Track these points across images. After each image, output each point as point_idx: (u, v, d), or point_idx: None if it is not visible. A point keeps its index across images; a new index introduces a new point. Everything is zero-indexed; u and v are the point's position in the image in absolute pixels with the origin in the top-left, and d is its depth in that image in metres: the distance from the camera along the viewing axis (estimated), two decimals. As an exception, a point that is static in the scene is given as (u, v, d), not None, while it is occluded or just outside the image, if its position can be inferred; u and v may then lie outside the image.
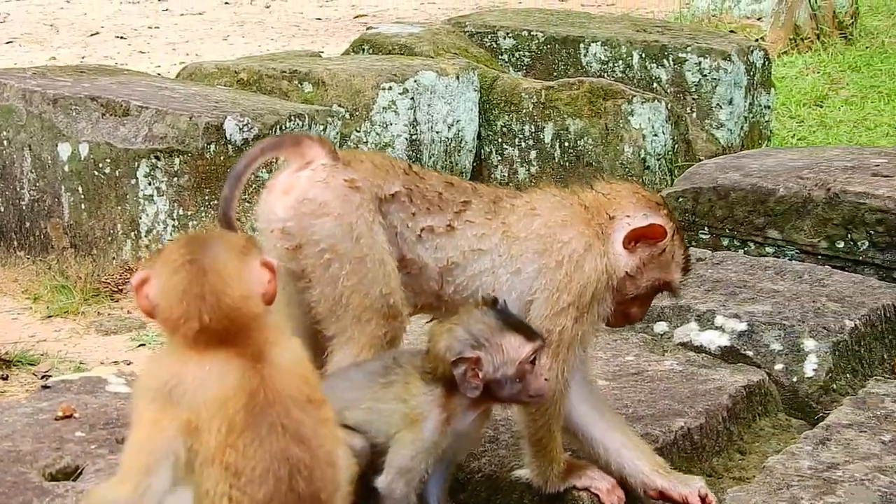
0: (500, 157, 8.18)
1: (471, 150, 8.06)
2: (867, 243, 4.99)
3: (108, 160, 6.73)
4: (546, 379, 3.12)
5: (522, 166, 8.14)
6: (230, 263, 2.66)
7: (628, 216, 3.30)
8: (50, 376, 5.67)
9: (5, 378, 5.88)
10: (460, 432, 3.09)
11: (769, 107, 9.04)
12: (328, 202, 3.13)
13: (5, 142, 7.04)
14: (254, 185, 4.36)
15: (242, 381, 2.68)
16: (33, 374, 5.94)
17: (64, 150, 6.86)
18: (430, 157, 7.81)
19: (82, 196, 6.82)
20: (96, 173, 6.78)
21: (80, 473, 3.47)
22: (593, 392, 3.35)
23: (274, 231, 3.18)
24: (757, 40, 10.10)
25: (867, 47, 12.43)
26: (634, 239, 3.27)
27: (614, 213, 3.30)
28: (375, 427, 3.01)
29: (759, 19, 11.97)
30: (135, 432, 2.71)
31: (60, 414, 3.77)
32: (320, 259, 3.14)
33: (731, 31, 11.13)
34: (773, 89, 9.13)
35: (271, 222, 3.19)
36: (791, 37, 12.30)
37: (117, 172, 6.72)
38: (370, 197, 3.17)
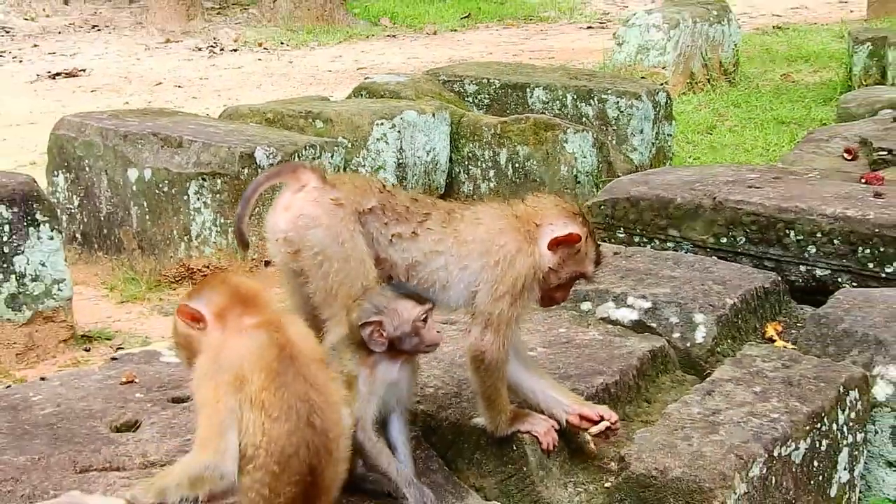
0: (466, 176, 8.14)
1: (444, 171, 8.03)
2: (744, 239, 4.96)
3: (166, 181, 6.70)
4: (437, 331, 3.14)
5: (484, 182, 8.10)
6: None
7: (551, 224, 3.28)
8: (122, 349, 5.64)
9: (88, 350, 5.84)
10: (392, 381, 3.09)
11: (671, 135, 9.01)
12: (319, 216, 3.14)
13: (87, 168, 7.00)
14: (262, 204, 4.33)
15: (272, 339, 2.69)
16: (109, 346, 5.91)
17: (132, 173, 6.84)
18: (413, 176, 7.77)
19: (147, 209, 6.80)
20: (157, 191, 6.75)
21: (139, 426, 3.43)
22: (521, 354, 3.35)
23: (278, 240, 3.19)
24: (662, 84, 10.07)
25: (746, 88, 12.41)
26: (556, 243, 3.25)
27: (540, 222, 3.28)
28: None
29: (663, 68, 11.93)
30: (202, 412, 2.69)
31: (124, 379, 3.73)
32: (314, 260, 3.14)
33: (642, 78, 11.10)
34: (673, 121, 9.10)
35: (276, 233, 3.20)
36: (688, 81, 12.28)
37: (173, 191, 6.69)
38: (351, 211, 3.17)
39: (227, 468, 2.63)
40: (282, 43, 16.50)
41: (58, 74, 14.06)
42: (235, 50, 16.20)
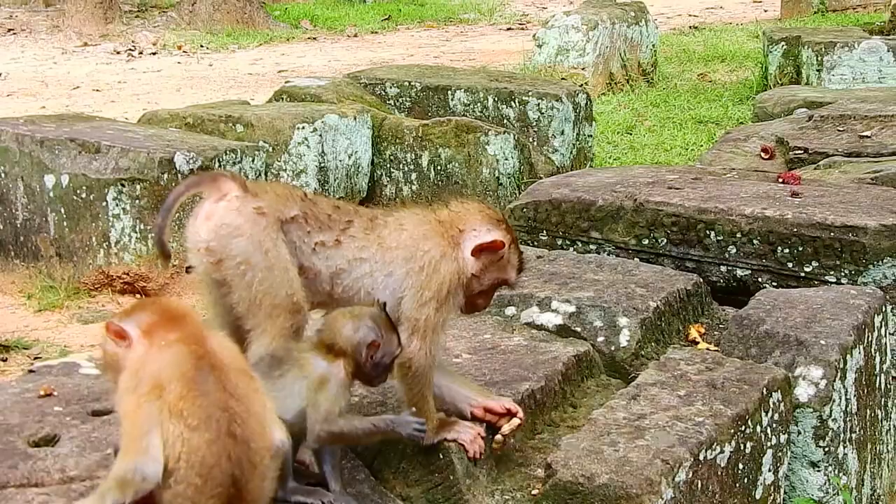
0: (388, 179, 8.08)
1: (366, 174, 7.97)
2: (665, 240, 4.96)
3: (84, 187, 6.57)
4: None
5: (406, 185, 8.05)
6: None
7: (475, 230, 3.24)
8: (40, 358, 5.50)
9: (4, 360, 5.70)
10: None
11: (591, 136, 9.04)
12: (241, 225, 3.06)
13: (2, 174, 6.84)
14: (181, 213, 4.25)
15: (191, 350, 2.63)
16: (27, 356, 5.77)
17: (49, 179, 6.70)
18: (335, 180, 7.69)
19: (64, 215, 6.66)
20: (75, 198, 6.62)
21: (58, 440, 3.33)
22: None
23: (200, 249, 3.10)
24: (581, 85, 10.10)
25: (664, 88, 12.51)
26: (480, 250, 3.22)
27: (464, 227, 3.24)
28: (283, 410, 2.88)
29: (583, 69, 11.98)
30: (124, 423, 2.62)
31: (42, 392, 3.61)
32: (238, 270, 3.06)
33: (563, 79, 11.12)
34: (594, 122, 9.13)
35: (197, 242, 3.11)
36: (607, 82, 12.34)
37: (91, 197, 6.56)
38: (274, 220, 3.09)
39: (149, 469, 2.56)
40: (201, 46, 16.31)
41: (-28, 79, 13.77)
42: (154, 53, 15.98)
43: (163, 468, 2.57)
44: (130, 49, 16.11)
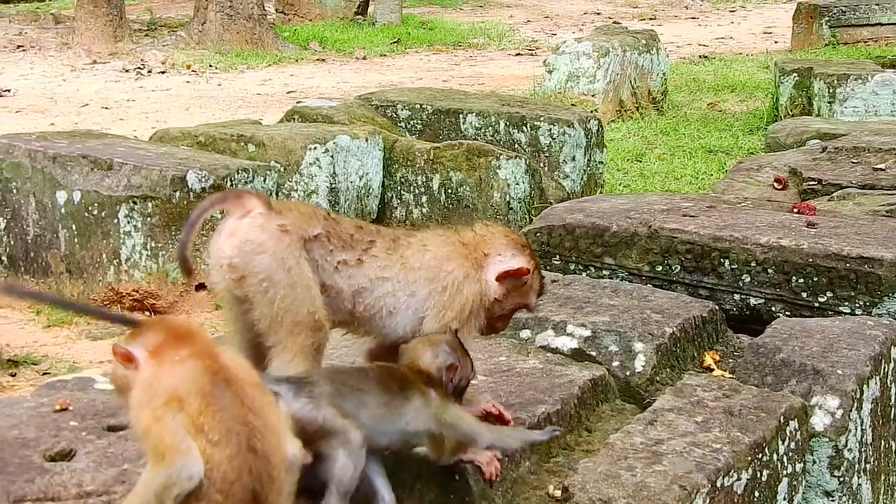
0: (399, 201, 8.12)
1: (377, 196, 8.00)
2: (679, 267, 4.99)
3: (96, 204, 6.60)
4: None
5: (416, 208, 8.08)
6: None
7: (500, 255, 3.27)
8: (50, 374, 5.52)
9: (14, 375, 5.72)
10: None
11: (602, 162, 9.08)
12: (265, 242, 3.08)
13: (14, 190, 6.86)
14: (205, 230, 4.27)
15: (205, 365, 2.63)
16: (36, 371, 5.79)
17: (61, 196, 6.73)
18: (346, 201, 7.72)
19: (75, 232, 6.68)
20: (86, 214, 6.65)
21: (74, 455, 3.34)
22: None
23: (223, 266, 3.12)
24: (592, 112, 10.14)
25: (674, 117, 12.56)
26: (505, 276, 3.25)
27: (489, 251, 3.27)
28: (407, 430, 3.02)
29: (593, 96, 12.04)
30: (147, 437, 2.60)
31: (58, 407, 3.63)
32: (260, 287, 3.08)
33: (573, 105, 11.17)
34: (604, 149, 9.17)
35: (220, 259, 3.13)
36: (617, 109, 12.40)
37: (103, 214, 6.59)
38: (297, 238, 3.12)
39: (194, 468, 2.55)
40: (210, 65, 16.39)
41: (-19, 94, 13.84)
42: (163, 72, 16.06)
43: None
44: (139, 67, 16.19)
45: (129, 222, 6.56)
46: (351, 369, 3.20)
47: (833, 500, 3.77)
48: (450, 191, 7.98)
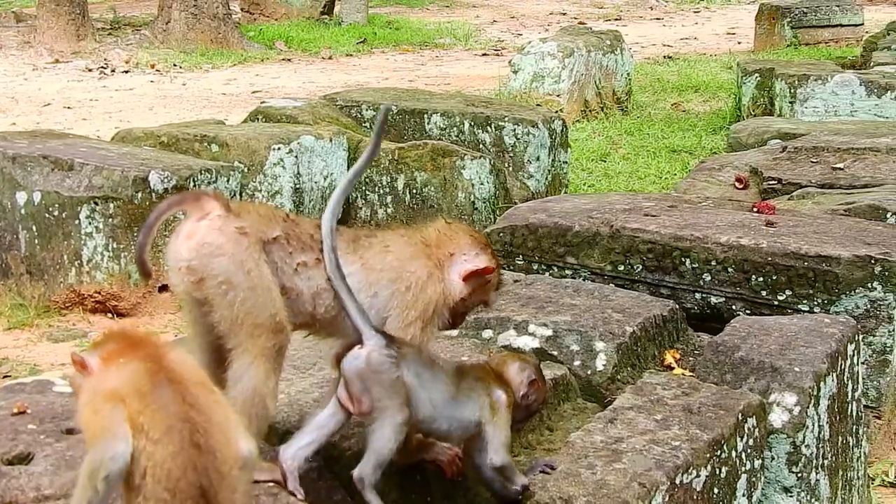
0: (364, 201, 8.12)
1: (341, 196, 7.99)
2: (641, 267, 5.02)
3: (57, 205, 6.56)
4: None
5: (381, 208, 8.09)
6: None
7: (464, 254, 3.28)
8: (10, 376, 5.49)
9: (-26, 378, 5.68)
10: None
11: (566, 162, 9.11)
12: (223, 245, 3.07)
13: (-26, 191, 6.81)
14: (167, 232, 4.26)
15: (147, 367, 2.63)
16: (-4, 374, 5.75)
17: (21, 197, 6.68)
18: (311, 202, 7.71)
19: (36, 233, 6.64)
20: (47, 215, 6.60)
21: (32, 458, 3.32)
22: None
23: (181, 269, 3.10)
24: (557, 112, 10.18)
25: (638, 117, 12.63)
26: (470, 275, 3.26)
27: (453, 251, 3.28)
28: (460, 419, 3.11)
29: (558, 96, 12.08)
30: (88, 429, 2.60)
31: (15, 410, 3.61)
32: (219, 290, 3.06)
33: (538, 105, 11.21)
34: (569, 149, 9.20)
35: (178, 261, 3.11)
36: (582, 109, 12.45)
37: (64, 215, 6.54)
38: (256, 240, 3.10)
39: (119, 447, 2.54)
40: (175, 65, 16.32)
41: (-58, 94, 13.72)
42: (127, 71, 15.98)
43: (128, 490, 2.56)
44: (103, 67, 16.10)
45: (90, 223, 6.53)
46: (437, 355, 3.28)
47: (791, 496, 3.81)
48: (414, 191, 7.99)
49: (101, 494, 2.55)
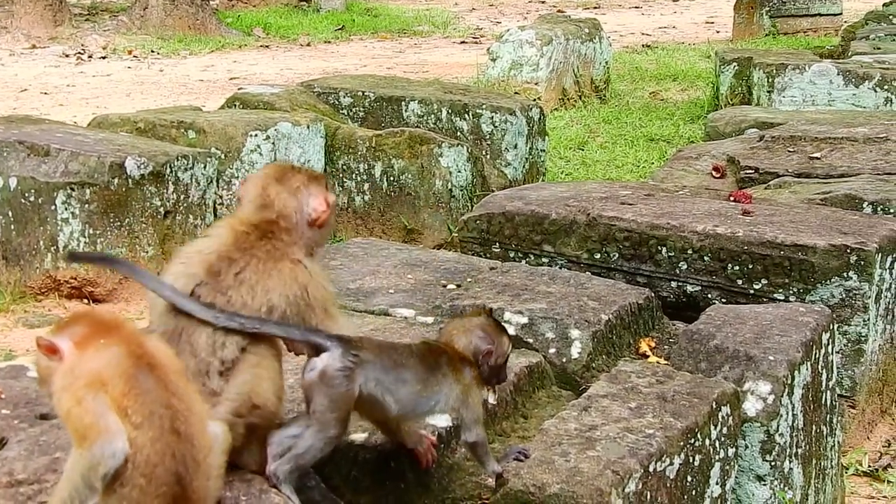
0: (341, 188, 8.09)
1: (319, 183, 7.96)
2: (617, 255, 5.02)
3: (33, 191, 6.52)
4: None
5: (358, 196, 8.07)
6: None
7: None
8: (-16, 362, 5.45)
9: (-53, 364, 5.64)
10: None
11: (544, 150, 9.11)
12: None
13: (-52, 176, 6.76)
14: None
15: (129, 350, 2.61)
16: (-30, 360, 5.71)
17: (-4, 182, 6.63)
18: (288, 189, 7.69)
19: (12, 218, 6.60)
20: (23, 201, 6.56)
21: (5, 443, 3.30)
22: None
23: None
24: (535, 100, 10.17)
25: (616, 105, 12.63)
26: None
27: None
28: (432, 409, 3.11)
29: (536, 84, 12.07)
30: (69, 419, 2.57)
31: (-12, 395, 3.59)
32: None
33: (516, 93, 11.21)
34: (546, 137, 9.20)
35: None
36: (560, 97, 12.44)
37: (40, 200, 6.51)
38: None
39: (118, 444, 2.53)
40: (152, 51, 16.24)
41: (-83, 78, 13.62)
42: (104, 57, 15.89)
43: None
44: (80, 52, 16.01)
45: (66, 209, 6.49)
46: (397, 344, 3.22)
47: (765, 484, 3.82)
48: (392, 178, 7.97)
49: (98, 492, 2.54)
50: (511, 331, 4.12)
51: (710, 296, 4.85)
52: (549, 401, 3.87)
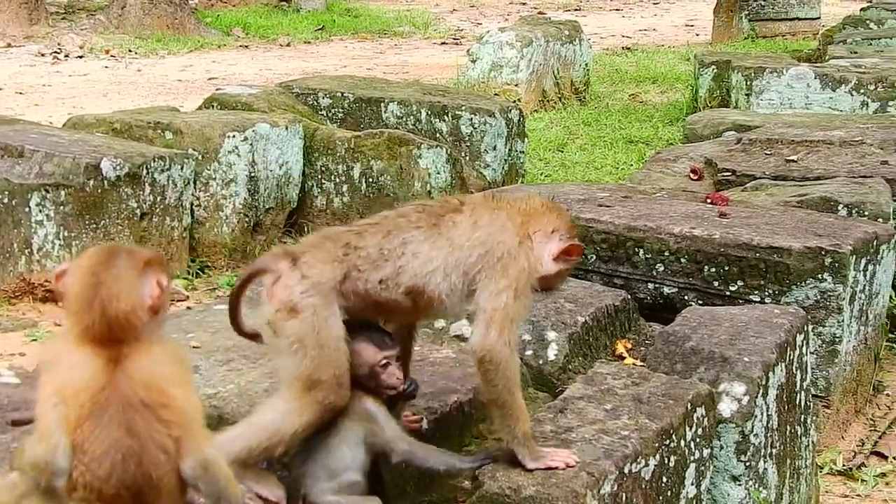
0: (319, 190, 8.10)
1: (297, 185, 7.97)
2: (594, 257, 5.05)
3: (7, 192, 6.50)
4: (397, 377, 3.21)
5: (337, 197, 8.07)
6: (124, 279, 2.59)
7: (560, 233, 3.23)
8: (-43, 366, 5.44)
9: (-80, 367, 5.62)
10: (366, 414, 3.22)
11: (523, 152, 9.13)
12: (294, 306, 3.04)
13: (-77, 177, 6.72)
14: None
15: (93, 379, 2.57)
16: (-57, 363, 5.69)
17: (-30, 183, 6.60)
18: (266, 190, 7.69)
19: (-15, 220, 6.56)
20: (-3, 202, 6.54)
21: (-23, 448, 3.31)
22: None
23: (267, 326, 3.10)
24: (514, 102, 10.19)
25: (596, 107, 12.67)
26: (563, 253, 3.23)
27: (544, 228, 3.21)
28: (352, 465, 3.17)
29: (516, 86, 12.10)
30: (40, 395, 2.59)
31: (-38, 399, 3.59)
32: (290, 348, 3.05)
33: (496, 95, 11.24)
34: (526, 139, 9.22)
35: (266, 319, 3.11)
36: (540, 99, 12.47)
37: (14, 202, 6.49)
38: (327, 290, 3.06)
39: (60, 465, 2.54)
40: (130, 51, 16.19)
41: None
42: (81, 57, 15.83)
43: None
44: (56, 52, 15.95)
45: (41, 211, 6.47)
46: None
47: (740, 485, 3.85)
48: (371, 179, 7.98)
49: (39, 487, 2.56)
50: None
51: (686, 297, 4.88)
52: (526, 402, 3.86)
